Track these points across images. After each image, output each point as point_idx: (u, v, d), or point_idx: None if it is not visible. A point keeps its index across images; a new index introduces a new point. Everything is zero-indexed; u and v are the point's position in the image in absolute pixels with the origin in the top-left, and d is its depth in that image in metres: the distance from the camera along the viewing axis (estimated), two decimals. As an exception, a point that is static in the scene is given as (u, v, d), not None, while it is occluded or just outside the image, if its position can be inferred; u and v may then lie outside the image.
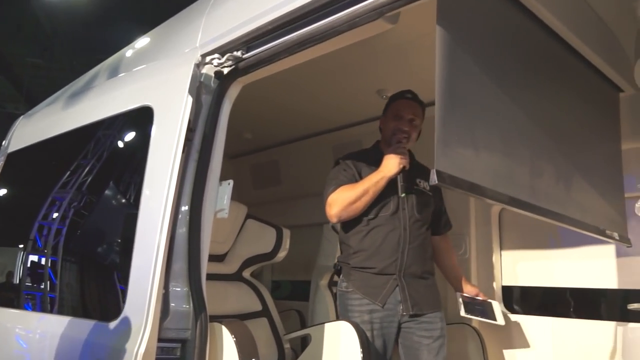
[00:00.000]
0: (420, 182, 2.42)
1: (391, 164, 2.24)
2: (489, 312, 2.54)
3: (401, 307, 2.23)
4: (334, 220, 2.31)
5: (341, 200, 2.24)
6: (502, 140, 1.69)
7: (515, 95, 1.74)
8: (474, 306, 2.52)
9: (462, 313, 2.47)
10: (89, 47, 9.25)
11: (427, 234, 2.41)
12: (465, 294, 2.54)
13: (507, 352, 2.86)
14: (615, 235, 2.12)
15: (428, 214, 2.43)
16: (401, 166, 2.23)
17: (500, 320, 2.53)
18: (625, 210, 2.27)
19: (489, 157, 1.62)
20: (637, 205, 1.86)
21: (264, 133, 3.99)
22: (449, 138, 1.44)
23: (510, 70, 1.75)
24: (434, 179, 1.30)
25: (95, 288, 2.28)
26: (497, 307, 2.58)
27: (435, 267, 2.50)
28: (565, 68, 2.05)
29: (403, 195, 2.27)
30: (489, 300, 2.58)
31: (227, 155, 4.45)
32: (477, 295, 2.55)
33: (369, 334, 2.20)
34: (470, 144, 1.55)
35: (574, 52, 2.03)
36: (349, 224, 2.34)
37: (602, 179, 2.22)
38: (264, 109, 3.47)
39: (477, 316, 2.52)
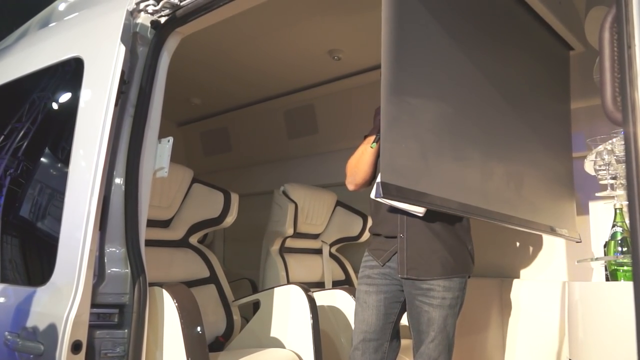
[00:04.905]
0: None
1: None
2: None
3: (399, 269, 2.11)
4: (349, 187, 2.22)
5: (348, 166, 2.19)
6: (451, 122, 1.62)
7: (465, 61, 1.68)
8: None
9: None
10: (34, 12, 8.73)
11: None
12: None
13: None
14: (565, 231, 2.10)
15: None
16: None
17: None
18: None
19: (438, 154, 1.54)
20: (585, 162, 1.84)
21: (213, 98, 3.85)
22: (395, 146, 1.36)
23: (461, 32, 1.69)
24: (379, 192, 1.23)
25: (28, 253, 2.15)
26: None
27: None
28: (518, 28, 2.00)
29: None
30: None
31: (176, 122, 4.34)
32: None
33: (365, 287, 2.12)
34: (418, 140, 1.48)
35: (527, 9, 1.98)
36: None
37: (552, 170, 2.17)
38: (213, 73, 3.34)
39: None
